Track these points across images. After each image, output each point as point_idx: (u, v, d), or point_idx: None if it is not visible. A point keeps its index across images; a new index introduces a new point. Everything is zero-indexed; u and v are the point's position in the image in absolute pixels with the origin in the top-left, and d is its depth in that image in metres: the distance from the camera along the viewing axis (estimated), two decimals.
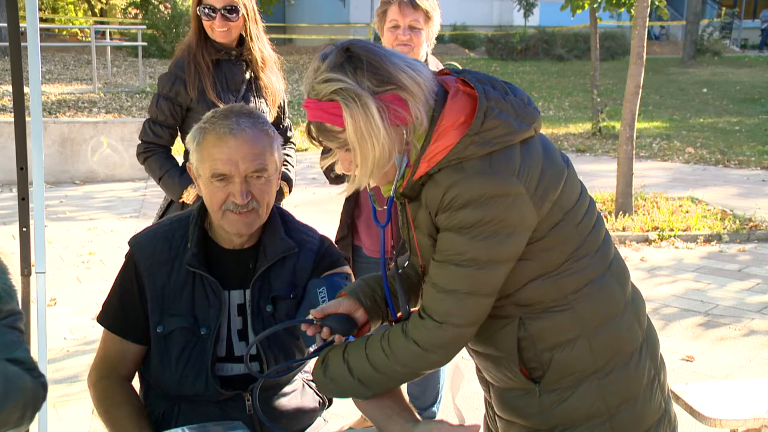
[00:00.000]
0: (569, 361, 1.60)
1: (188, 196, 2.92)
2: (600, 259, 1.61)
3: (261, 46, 3.09)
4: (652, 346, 1.70)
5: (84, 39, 22.19)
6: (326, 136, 1.51)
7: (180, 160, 3.10)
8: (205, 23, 2.98)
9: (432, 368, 1.62)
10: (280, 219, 1.97)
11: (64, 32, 24.87)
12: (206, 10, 2.96)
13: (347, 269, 2.00)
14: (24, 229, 2.74)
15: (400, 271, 1.74)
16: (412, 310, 1.64)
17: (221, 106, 2.45)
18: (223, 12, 2.95)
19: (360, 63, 1.46)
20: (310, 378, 2.11)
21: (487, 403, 1.83)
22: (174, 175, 2.97)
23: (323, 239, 2.03)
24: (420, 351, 1.54)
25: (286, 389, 1.99)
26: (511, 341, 1.60)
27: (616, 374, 1.62)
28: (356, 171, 1.52)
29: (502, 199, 1.46)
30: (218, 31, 2.98)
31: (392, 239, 2.77)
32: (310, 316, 1.68)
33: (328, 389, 1.67)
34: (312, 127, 1.53)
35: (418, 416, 1.66)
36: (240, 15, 2.99)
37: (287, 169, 3.17)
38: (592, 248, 1.60)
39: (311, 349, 1.91)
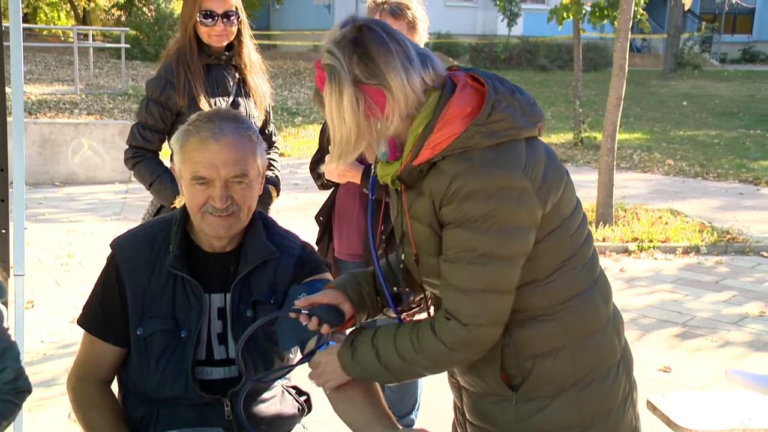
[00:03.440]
0: (550, 371, 1.61)
1: (180, 202, 2.90)
2: (588, 272, 1.64)
3: (249, 50, 3.10)
4: (628, 364, 1.73)
5: (66, 39, 22.01)
6: (319, 99, 1.56)
7: (168, 165, 3.08)
8: (203, 29, 2.96)
9: (458, 365, 1.65)
10: (262, 224, 1.98)
11: (45, 32, 24.67)
12: (206, 16, 2.93)
13: (328, 276, 2.00)
14: (3, 231, 2.71)
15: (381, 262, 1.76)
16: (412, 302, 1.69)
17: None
18: (223, 17, 2.95)
19: (360, 49, 1.49)
20: (290, 384, 2.11)
21: (457, 408, 1.84)
22: (165, 181, 2.95)
23: (305, 245, 2.03)
24: (446, 350, 1.56)
25: (266, 395, 1.98)
26: (495, 347, 1.61)
27: (594, 387, 1.63)
28: (332, 146, 1.56)
29: (509, 191, 1.47)
30: (216, 36, 2.97)
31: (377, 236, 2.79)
32: (297, 306, 1.69)
33: (353, 371, 1.67)
34: (314, 86, 1.58)
35: (397, 423, 1.67)
36: (238, 20, 3.00)
37: (274, 173, 3.18)
38: (582, 261, 1.62)
39: (292, 357, 1.91)
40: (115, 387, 1.98)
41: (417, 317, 1.73)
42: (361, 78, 1.48)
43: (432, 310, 1.74)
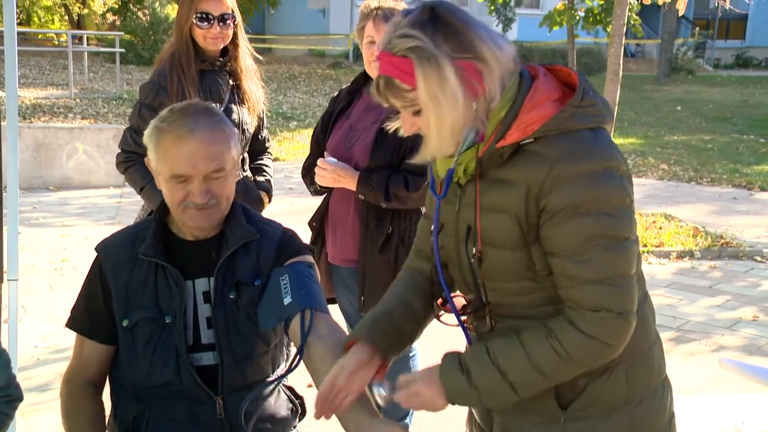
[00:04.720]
0: (603, 390, 1.54)
1: None
2: (641, 286, 1.59)
3: (245, 56, 3.09)
4: (669, 383, 1.70)
5: (60, 44, 21.97)
6: (393, 92, 1.45)
7: None
8: (199, 31, 2.95)
9: (606, 360, 1.50)
10: (243, 212, 1.99)
11: (40, 36, 24.62)
12: (201, 19, 2.93)
13: (310, 258, 1.99)
14: None
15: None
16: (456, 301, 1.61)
17: None
18: (219, 20, 2.94)
19: (442, 25, 1.41)
20: (287, 384, 2.10)
21: (480, 428, 1.74)
22: (156, 185, 2.94)
23: (286, 230, 2.03)
24: (600, 344, 1.44)
25: (261, 396, 1.97)
26: None
27: (644, 406, 1.59)
28: (431, 137, 1.46)
29: (612, 171, 1.43)
30: (211, 39, 2.96)
31: (359, 241, 2.78)
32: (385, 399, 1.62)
33: (467, 398, 1.53)
34: (381, 81, 1.46)
35: (379, 414, 1.64)
36: (234, 23, 3.00)
37: (266, 179, 3.18)
38: (638, 274, 1.57)
39: (274, 335, 1.93)
40: (107, 392, 1.98)
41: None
42: (452, 54, 1.39)
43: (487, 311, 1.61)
